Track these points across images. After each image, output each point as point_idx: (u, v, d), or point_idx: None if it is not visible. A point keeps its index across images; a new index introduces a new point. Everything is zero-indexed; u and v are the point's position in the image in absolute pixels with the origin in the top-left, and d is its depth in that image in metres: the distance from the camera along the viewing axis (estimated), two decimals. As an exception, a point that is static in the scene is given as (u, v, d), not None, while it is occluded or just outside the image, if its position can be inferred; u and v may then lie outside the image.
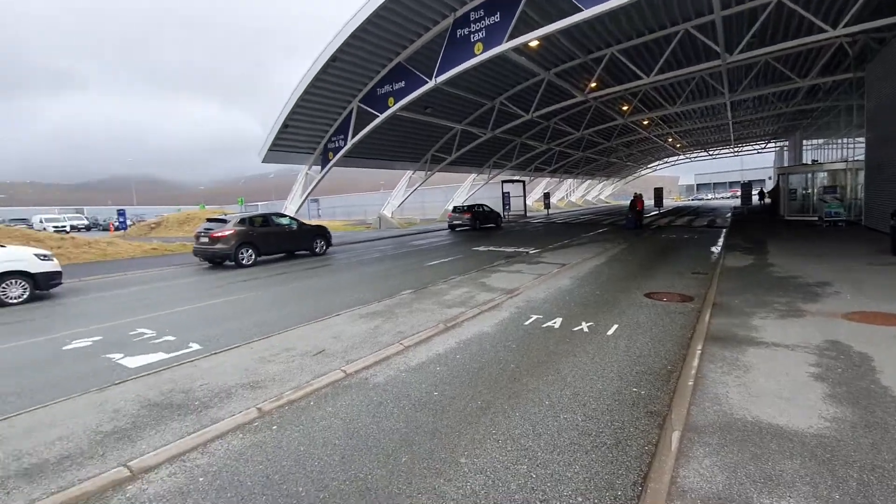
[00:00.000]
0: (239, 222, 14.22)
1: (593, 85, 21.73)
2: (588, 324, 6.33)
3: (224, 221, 14.23)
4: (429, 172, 32.76)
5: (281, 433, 3.63)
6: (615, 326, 6.17)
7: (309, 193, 24.93)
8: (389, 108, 19.57)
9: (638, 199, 23.08)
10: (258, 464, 3.23)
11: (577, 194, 69.15)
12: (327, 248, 17.31)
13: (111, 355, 5.69)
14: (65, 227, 38.87)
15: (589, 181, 69.04)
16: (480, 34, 15.19)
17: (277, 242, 15.43)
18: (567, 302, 7.67)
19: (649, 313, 6.79)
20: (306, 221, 18.79)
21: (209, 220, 14.77)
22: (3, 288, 8.91)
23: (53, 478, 3.12)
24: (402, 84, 19.00)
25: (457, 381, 4.52)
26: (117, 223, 31.76)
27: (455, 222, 27.38)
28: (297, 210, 23.84)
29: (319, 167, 24.38)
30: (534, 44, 15.47)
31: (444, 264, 12.97)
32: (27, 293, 9.24)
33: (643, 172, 75.40)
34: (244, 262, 13.81)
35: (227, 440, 3.56)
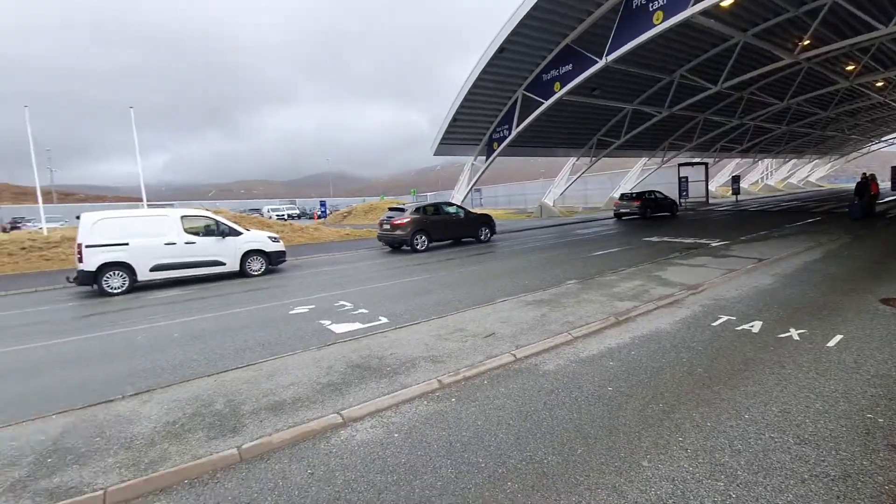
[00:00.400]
0: (414, 211, 15.64)
1: (806, 43, 17.83)
2: (799, 331, 5.33)
3: (402, 210, 15.82)
4: (594, 158, 31.15)
5: (460, 406, 3.94)
6: (838, 337, 5.08)
7: (474, 183, 25.99)
8: (555, 93, 19.15)
9: (869, 180, 18.33)
10: (441, 430, 3.56)
11: (776, 177, 58.10)
12: (491, 235, 17.87)
13: (323, 321, 6.88)
14: (283, 215, 47.83)
15: (794, 160, 57.29)
16: (660, 1, 13.73)
17: (447, 230, 16.51)
18: (768, 303, 6.57)
19: (888, 324, 5.41)
20: (471, 210, 19.67)
21: (390, 209, 16.60)
22: (249, 262, 11.54)
23: (290, 414, 3.92)
24: (569, 67, 18.36)
25: (633, 379, 4.28)
26: (320, 212, 37.93)
27: (622, 210, 25.56)
28: (463, 199, 25.09)
29: (484, 157, 25.19)
30: (726, 3, 13.37)
31: (611, 255, 12.28)
32: (263, 267, 11.79)
33: (874, 147, 59.50)
34: (418, 247, 15.16)
35: (414, 405, 4.01)
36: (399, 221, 15.22)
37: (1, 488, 3.04)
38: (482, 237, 17.41)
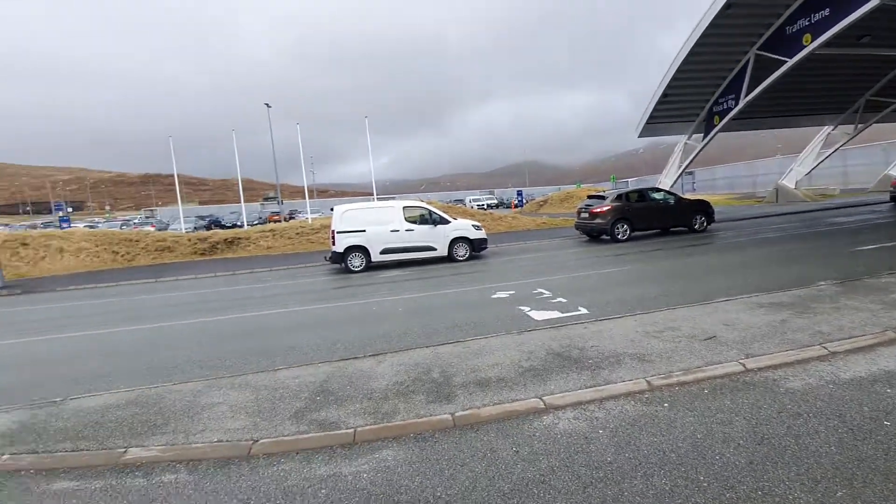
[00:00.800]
0: (615, 198, 14.73)
1: None
2: None
3: (602, 198, 15.08)
4: (859, 126, 24.19)
5: (673, 413, 3.59)
6: None
7: (687, 165, 23.04)
8: (804, 47, 15.43)
9: None
10: (652, 436, 3.31)
11: None
12: (708, 224, 15.59)
13: (522, 307, 7.10)
14: (483, 205, 50.75)
15: None
16: None
17: (652, 218, 15.09)
18: None
19: None
20: (684, 196, 17.50)
21: (589, 196, 16.02)
22: (455, 248, 12.70)
23: (496, 392, 4.17)
24: (825, 12, 14.55)
25: (930, 417, 3.22)
26: (517, 201, 39.05)
27: (908, 192, 19.17)
28: (673, 184, 22.49)
29: (701, 135, 22.04)
30: None
31: (886, 250, 9.39)
32: (467, 253, 12.84)
33: None
34: (619, 236, 14.25)
35: (619, 403, 3.82)
36: (598, 209, 14.53)
37: (289, 414, 4.04)
38: (696, 226, 15.31)
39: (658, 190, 16.41)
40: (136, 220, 50.51)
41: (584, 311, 6.66)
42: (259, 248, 19.33)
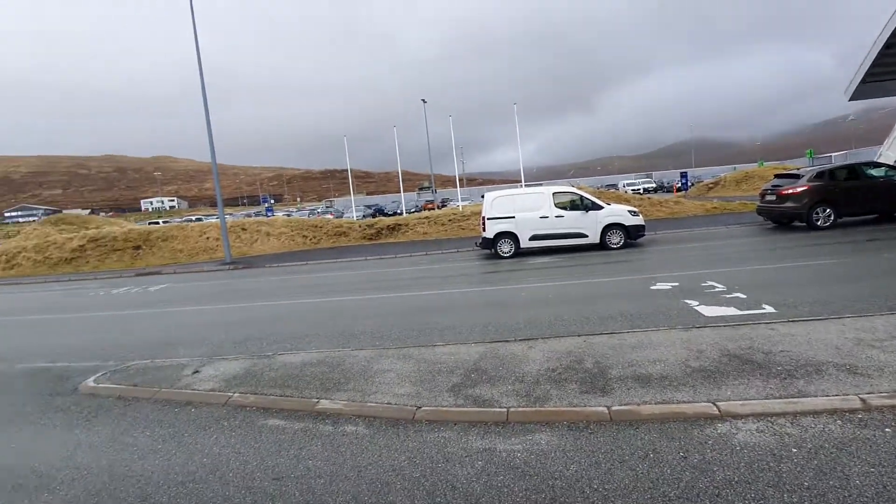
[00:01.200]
0: (815, 177, 12.18)
1: None
2: None
3: (796, 177, 12.61)
4: None
5: (901, 441, 2.89)
6: None
7: (926, 131, 17.87)
8: None
9: None
10: (868, 465, 2.72)
11: None
12: (958, 208, 11.90)
13: (688, 301, 6.41)
14: (639, 189, 46.78)
15: None
16: None
17: (868, 200, 12.12)
18: None
19: None
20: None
21: (778, 175, 13.57)
22: (609, 235, 12.00)
23: (657, 390, 3.86)
24: None
25: None
26: (680, 184, 35.06)
27: None
28: (902, 157, 17.68)
29: (952, 90, 16.80)
30: None
31: None
32: (622, 241, 12.03)
33: None
34: (818, 223, 11.78)
35: (821, 420, 3.21)
36: (790, 190, 12.18)
37: (447, 387, 4.34)
38: (938, 210, 11.81)
39: (877, 165, 13.06)
40: (318, 210, 59.47)
41: (769, 309, 5.72)
42: (416, 234, 20.92)
